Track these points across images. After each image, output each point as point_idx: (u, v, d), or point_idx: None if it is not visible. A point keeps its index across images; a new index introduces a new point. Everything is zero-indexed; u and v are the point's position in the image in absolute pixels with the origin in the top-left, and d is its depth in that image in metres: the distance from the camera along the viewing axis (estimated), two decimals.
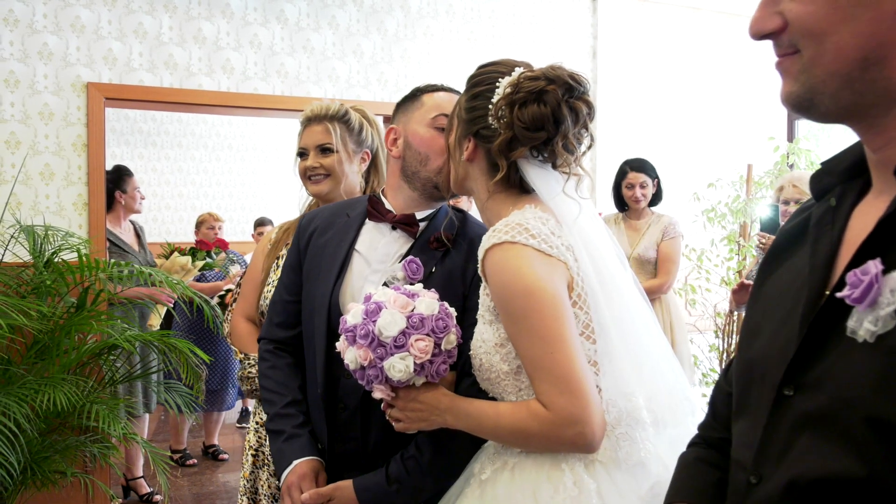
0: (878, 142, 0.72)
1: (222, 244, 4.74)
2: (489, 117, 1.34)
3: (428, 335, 1.31)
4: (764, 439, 0.75)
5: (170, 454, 4.62)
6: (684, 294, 4.26)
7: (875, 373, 0.65)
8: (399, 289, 1.37)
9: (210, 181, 8.41)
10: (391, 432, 1.46)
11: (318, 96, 4.05)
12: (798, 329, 0.73)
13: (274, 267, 2.15)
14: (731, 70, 5.20)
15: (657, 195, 4.01)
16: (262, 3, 4.07)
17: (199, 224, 5.08)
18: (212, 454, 4.83)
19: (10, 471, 2.57)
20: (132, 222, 4.23)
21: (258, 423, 2.12)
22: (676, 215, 4.04)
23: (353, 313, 1.36)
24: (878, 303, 0.65)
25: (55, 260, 3.10)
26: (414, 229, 1.56)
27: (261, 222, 5.93)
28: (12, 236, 3.15)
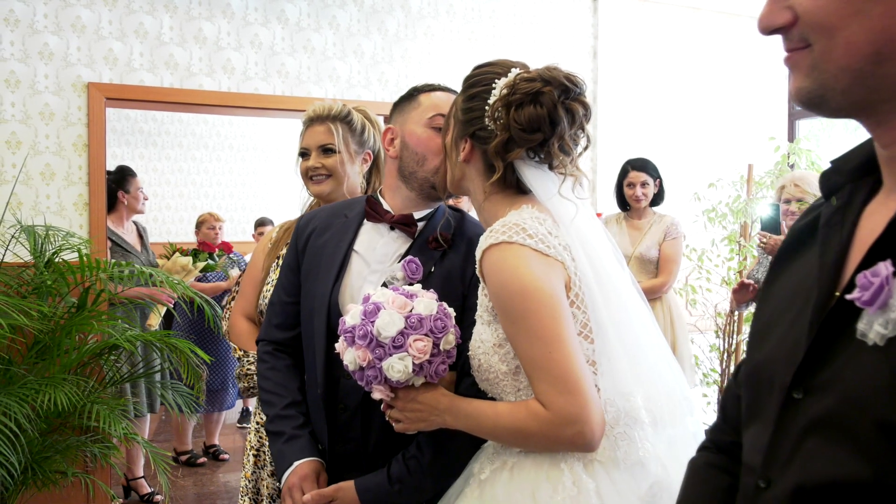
0: (889, 138, 0.71)
1: (226, 247, 4.72)
2: (485, 118, 1.34)
3: (426, 335, 1.31)
4: (772, 443, 0.74)
5: (176, 455, 4.63)
6: (685, 294, 4.26)
7: (885, 376, 0.64)
8: (397, 289, 1.38)
9: (211, 181, 8.41)
10: (391, 433, 1.46)
11: (318, 96, 4.05)
12: (807, 331, 0.72)
13: (274, 266, 2.15)
14: (732, 70, 5.19)
15: (659, 195, 4.01)
16: (263, 3, 4.07)
17: (200, 224, 5.05)
18: (212, 454, 4.83)
19: (11, 471, 2.58)
20: (135, 223, 4.23)
21: (259, 424, 2.11)
22: (677, 215, 4.04)
23: (351, 314, 1.36)
24: (888, 305, 0.64)
25: (56, 260, 3.11)
26: (412, 229, 1.56)
27: (261, 222, 5.93)
28: (13, 236, 3.15)
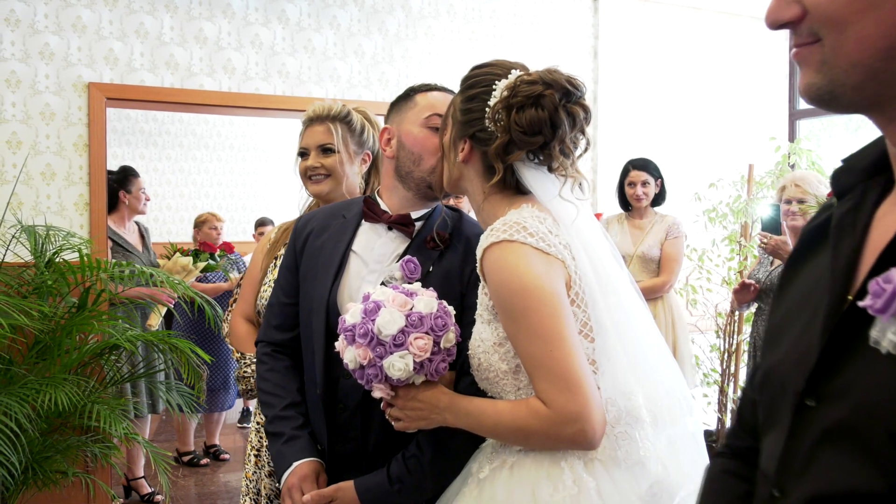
0: None
1: (227, 247, 4.70)
2: (485, 120, 1.34)
3: (427, 333, 1.31)
4: (786, 451, 0.73)
5: (178, 455, 4.63)
6: (685, 294, 4.25)
7: None
8: (397, 287, 1.38)
9: (211, 181, 8.40)
10: (391, 432, 1.46)
11: (319, 96, 4.05)
12: (819, 337, 0.70)
13: (272, 266, 2.15)
14: (732, 70, 5.19)
15: (660, 195, 4.01)
16: (264, 3, 4.07)
17: (201, 224, 4.99)
18: (213, 454, 4.83)
19: (12, 470, 2.58)
20: (137, 223, 4.22)
21: (259, 424, 2.12)
22: (677, 215, 4.05)
23: (351, 313, 1.36)
24: None
25: (56, 260, 3.11)
26: (410, 229, 1.56)
27: (262, 222, 5.93)
28: (14, 236, 3.15)
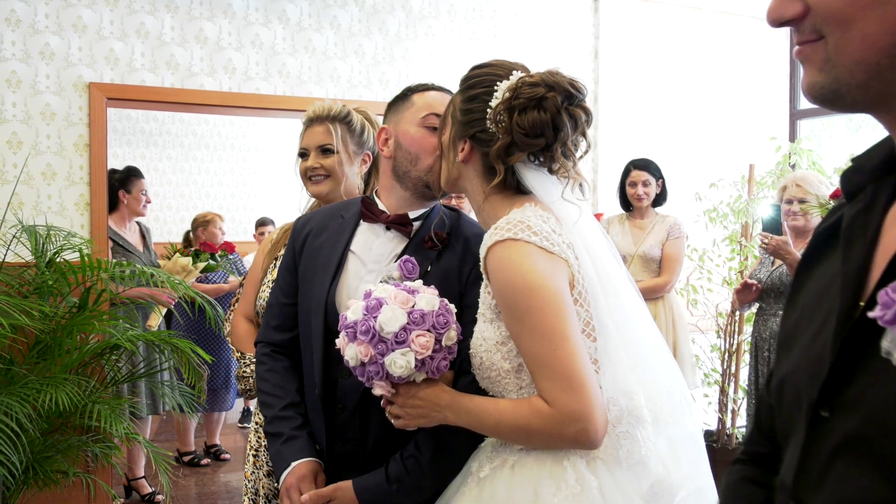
0: None
1: (229, 247, 4.67)
2: (486, 121, 1.34)
3: (429, 331, 1.31)
4: (801, 463, 0.72)
5: (179, 455, 4.63)
6: (686, 294, 4.25)
7: None
8: (399, 285, 1.38)
9: (212, 181, 8.41)
10: (389, 432, 1.46)
11: (319, 96, 4.05)
12: (831, 345, 0.69)
13: (271, 266, 2.15)
14: (733, 70, 5.19)
15: (662, 195, 4.01)
16: (264, 3, 4.07)
17: (206, 223, 4.85)
18: (213, 454, 4.83)
19: (13, 470, 2.58)
20: (138, 223, 4.19)
21: (258, 424, 2.12)
22: (678, 215, 4.04)
23: (353, 310, 1.36)
24: None
25: (57, 260, 3.11)
26: (408, 229, 1.56)
27: (262, 222, 5.92)
28: (14, 236, 3.15)
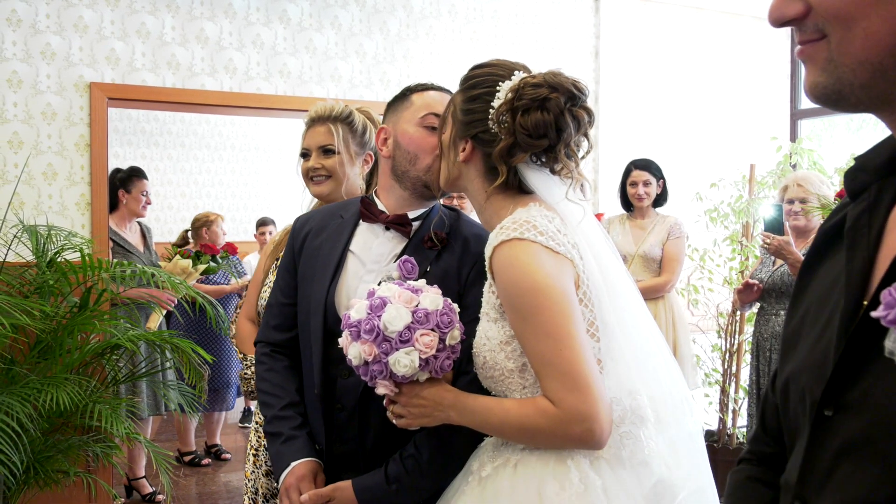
0: None
1: (230, 248, 4.64)
2: (488, 121, 1.34)
3: (433, 330, 1.31)
4: (806, 462, 0.72)
5: (180, 455, 4.63)
6: (687, 294, 4.25)
7: None
8: (402, 284, 1.37)
9: (213, 181, 8.41)
10: (388, 432, 1.46)
11: (320, 96, 4.05)
12: (835, 345, 0.69)
13: (273, 267, 2.15)
14: (734, 70, 5.19)
15: (662, 196, 4.01)
16: (265, 3, 4.07)
17: (209, 223, 4.78)
18: (214, 454, 4.83)
19: (14, 470, 2.58)
20: (139, 223, 4.17)
21: (258, 423, 2.12)
22: (679, 215, 4.04)
23: (356, 309, 1.36)
24: None
25: (58, 260, 3.11)
26: (407, 229, 1.56)
27: (263, 222, 5.91)
28: (15, 236, 3.15)
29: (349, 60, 4.26)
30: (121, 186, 4.04)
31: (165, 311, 3.88)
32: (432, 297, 1.34)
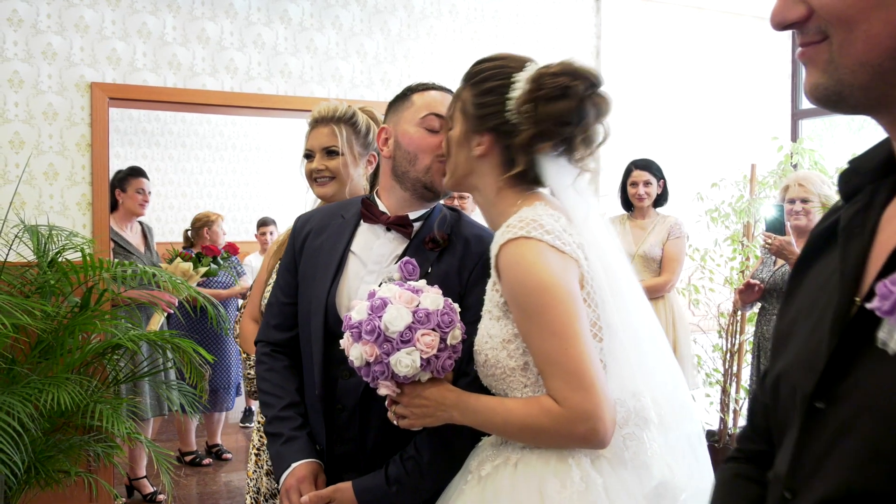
0: None
1: (231, 248, 4.61)
2: (506, 113, 1.32)
3: (434, 330, 1.31)
4: (796, 454, 0.73)
5: (181, 455, 4.63)
6: (688, 294, 4.25)
7: None
8: (403, 284, 1.37)
9: (213, 181, 8.42)
10: (389, 433, 1.46)
11: (321, 96, 4.05)
12: (828, 339, 0.70)
13: (277, 267, 2.15)
14: (735, 70, 5.19)
15: (663, 196, 4.01)
16: (266, 3, 4.07)
17: (210, 223, 4.73)
18: (215, 454, 4.83)
19: (15, 470, 2.58)
20: (140, 223, 4.15)
21: (261, 423, 2.12)
22: (680, 215, 4.04)
23: (357, 310, 1.36)
24: None
25: (59, 260, 3.11)
26: (408, 230, 1.56)
27: (264, 222, 5.91)
28: (16, 236, 3.15)
29: (350, 60, 4.26)
30: (117, 186, 4.02)
31: (167, 312, 3.87)
32: (433, 297, 1.34)
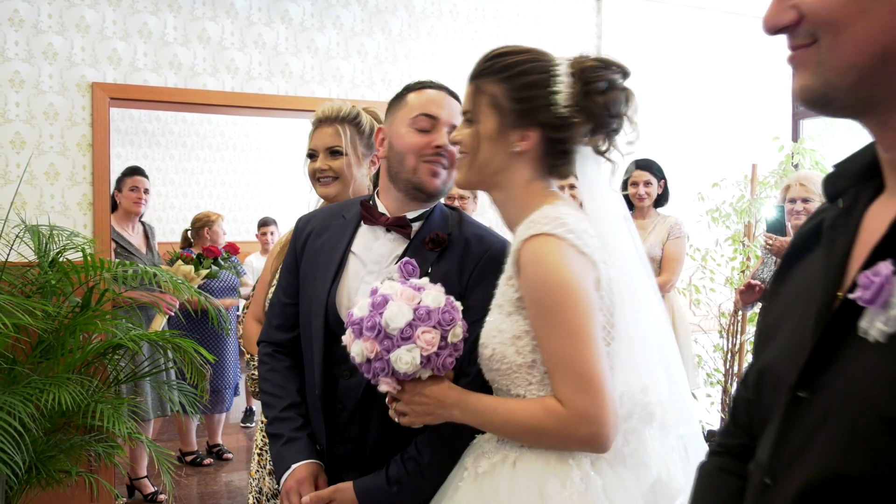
0: (892, 139, 0.70)
1: (232, 248, 4.58)
2: (553, 107, 1.29)
3: (434, 327, 1.31)
4: (778, 441, 0.74)
5: (182, 455, 4.63)
6: (689, 294, 4.25)
7: (887, 372, 0.64)
8: (405, 282, 1.37)
9: (214, 181, 8.42)
10: (389, 432, 1.46)
11: (322, 96, 4.05)
12: (812, 331, 0.72)
13: (280, 268, 2.15)
14: (736, 70, 5.18)
15: (663, 196, 4.01)
16: (267, 3, 4.08)
17: (211, 223, 4.68)
18: (216, 454, 4.83)
19: (16, 469, 2.58)
20: (142, 223, 4.14)
21: (264, 423, 2.12)
22: (680, 215, 4.04)
23: (359, 306, 1.36)
24: (889, 303, 0.64)
25: (60, 260, 3.11)
26: (407, 231, 1.56)
27: (264, 222, 5.90)
28: (17, 236, 3.16)
29: (351, 60, 4.26)
30: (116, 187, 4.01)
31: (168, 314, 3.86)
32: (434, 295, 1.34)
